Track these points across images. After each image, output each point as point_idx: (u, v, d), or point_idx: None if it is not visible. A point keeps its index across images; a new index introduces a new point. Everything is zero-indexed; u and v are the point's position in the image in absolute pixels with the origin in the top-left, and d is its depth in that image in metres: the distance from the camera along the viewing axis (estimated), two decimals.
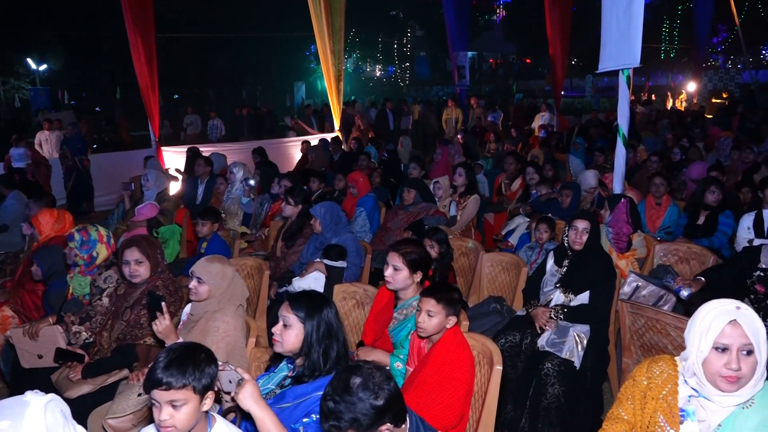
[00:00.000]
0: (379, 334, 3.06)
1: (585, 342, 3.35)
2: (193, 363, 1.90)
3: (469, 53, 21.96)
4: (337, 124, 11.97)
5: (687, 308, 3.47)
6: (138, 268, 3.23)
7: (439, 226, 4.87)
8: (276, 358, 2.48)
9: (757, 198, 5.25)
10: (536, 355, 3.36)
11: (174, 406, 1.85)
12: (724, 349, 1.78)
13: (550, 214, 5.14)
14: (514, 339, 3.48)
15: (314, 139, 10.97)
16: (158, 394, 1.85)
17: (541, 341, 3.39)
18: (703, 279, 3.46)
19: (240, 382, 1.99)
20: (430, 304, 2.56)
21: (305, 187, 5.21)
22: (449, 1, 14.57)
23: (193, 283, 2.95)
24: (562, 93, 16.08)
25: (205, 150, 9.61)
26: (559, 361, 3.25)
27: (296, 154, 11.15)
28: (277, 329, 2.26)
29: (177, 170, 8.42)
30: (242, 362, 2.90)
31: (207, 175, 6.94)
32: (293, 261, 4.60)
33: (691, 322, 1.88)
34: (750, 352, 1.76)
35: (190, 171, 8.03)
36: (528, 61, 37.22)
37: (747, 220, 4.70)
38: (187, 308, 3.14)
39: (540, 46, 15.64)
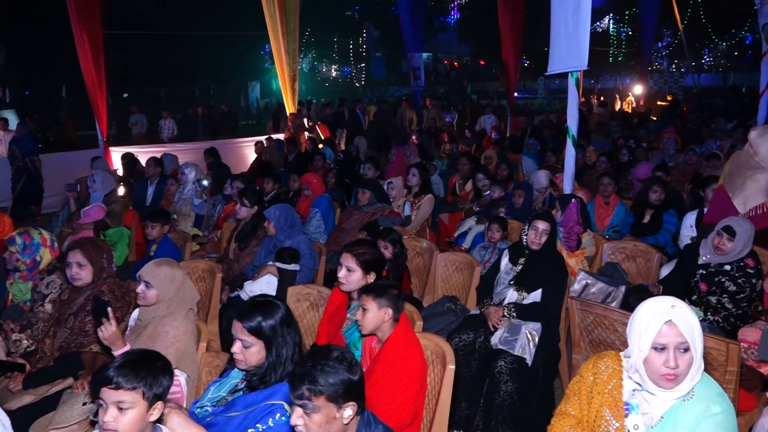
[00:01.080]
0: (332, 336, 3.04)
1: (537, 339, 3.41)
2: (148, 368, 1.86)
3: (425, 54, 22.09)
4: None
5: (626, 301, 3.58)
6: (79, 271, 3.12)
7: (393, 226, 4.89)
8: (232, 361, 2.44)
9: (699, 197, 5.45)
10: (489, 354, 3.40)
11: (120, 409, 1.81)
12: (662, 348, 1.85)
13: (502, 213, 5.22)
14: (467, 338, 3.51)
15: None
16: (106, 393, 1.81)
17: (494, 339, 3.43)
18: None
19: (163, 416, 1.97)
20: (362, 299, 2.60)
21: (257, 188, 5.14)
22: (404, 3, 14.63)
23: (140, 288, 2.87)
24: (516, 94, 16.37)
25: (157, 150, 9.40)
26: (511, 359, 3.30)
27: (251, 155, 11.01)
28: (236, 350, 2.22)
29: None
30: (193, 368, 2.84)
31: (157, 176, 6.77)
32: (246, 263, 4.53)
33: (631, 322, 1.95)
34: (686, 350, 1.83)
35: (127, 178, 7.80)
36: (482, 62, 37.73)
37: (690, 219, 4.88)
38: (135, 313, 3.05)
39: (494, 49, 15.89)
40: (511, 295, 3.58)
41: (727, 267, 3.57)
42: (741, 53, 32.67)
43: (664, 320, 1.84)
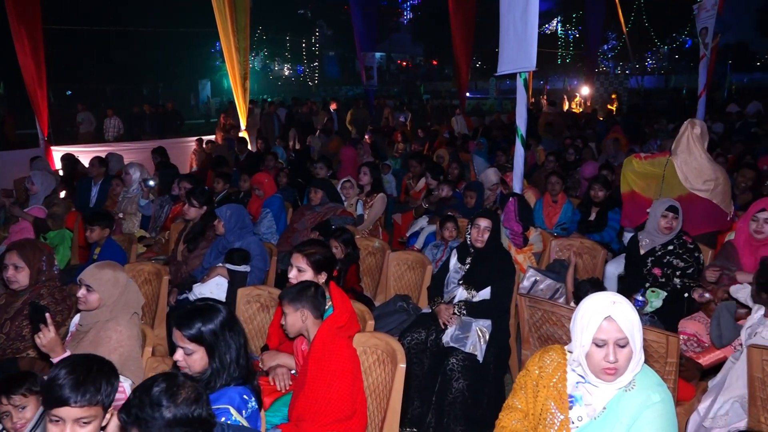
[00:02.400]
0: (283, 338, 3.01)
1: (487, 336, 3.46)
2: (101, 378, 1.79)
3: (378, 54, 22.10)
4: (243, 124, 11.68)
5: (576, 295, 3.67)
6: (16, 273, 3.00)
7: (346, 225, 4.88)
8: (177, 366, 2.38)
9: None
10: (441, 351, 3.43)
11: (83, 424, 1.76)
12: (603, 344, 1.90)
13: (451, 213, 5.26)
14: (419, 336, 3.53)
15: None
16: (66, 411, 1.74)
17: (446, 337, 3.46)
18: None
19: None
20: (282, 304, 2.61)
21: (206, 188, 5.03)
22: (356, 2, 14.61)
23: (81, 292, 2.77)
24: (468, 95, 16.59)
25: (102, 150, 9.10)
26: (463, 356, 3.34)
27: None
28: (179, 357, 2.17)
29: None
30: (137, 373, 2.75)
31: (101, 177, 6.55)
32: (195, 265, 4.43)
33: (574, 317, 2.00)
34: (625, 345, 1.88)
35: (68, 179, 7.52)
36: (435, 63, 38.07)
37: None
38: (76, 318, 2.95)
39: (446, 49, 16.05)
40: (461, 294, 3.61)
41: (671, 246, 3.81)
42: (682, 56, 34.03)
43: (604, 316, 1.89)
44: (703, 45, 7.92)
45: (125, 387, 2.72)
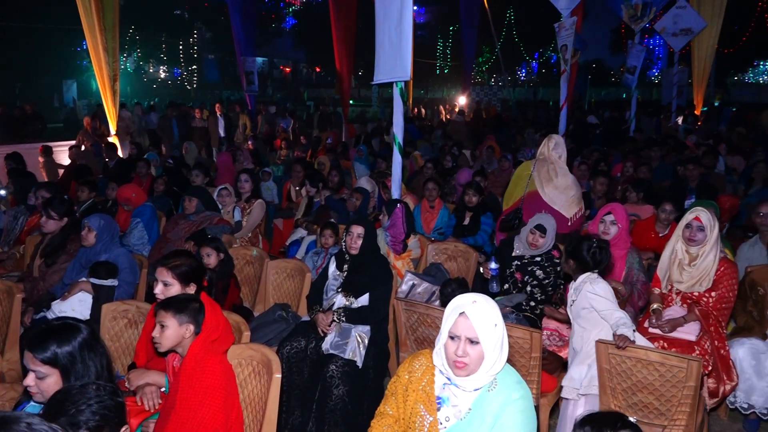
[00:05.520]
0: (152, 355, 2.86)
1: (366, 341, 3.50)
2: None
3: (259, 59, 21.66)
4: (113, 128, 10.98)
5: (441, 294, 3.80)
6: None
7: (224, 234, 4.74)
8: (28, 392, 2.18)
9: None
10: (321, 359, 3.44)
11: None
12: (456, 338, 1.98)
13: (332, 220, 5.28)
14: (299, 345, 3.51)
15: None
16: None
17: (325, 344, 3.47)
18: None
19: None
20: (160, 314, 2.47)
21: (67, 197, 4.66)
22: (235, 5, 14.24)
23: None
24: (351, 102, 16.73)
25: None
26: (342, 362, 3.36)
27: (65, 161, 10.01)
28: (30, 382, 2.00)
29: None
30: None
31: None
32: (54, 281, 4.09)
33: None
34: (476, 343, 1.96)
35: None
36: (318, 69, 38.08)
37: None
38: None
39: (329, 56, 16.08)
40: (340, 301, 3.63)
41: (538, 258, 4.01)
42: (548, 70, 36.67)
43: (460, 312, 1.98)
44: (564, 61, 8.54)
45: None
